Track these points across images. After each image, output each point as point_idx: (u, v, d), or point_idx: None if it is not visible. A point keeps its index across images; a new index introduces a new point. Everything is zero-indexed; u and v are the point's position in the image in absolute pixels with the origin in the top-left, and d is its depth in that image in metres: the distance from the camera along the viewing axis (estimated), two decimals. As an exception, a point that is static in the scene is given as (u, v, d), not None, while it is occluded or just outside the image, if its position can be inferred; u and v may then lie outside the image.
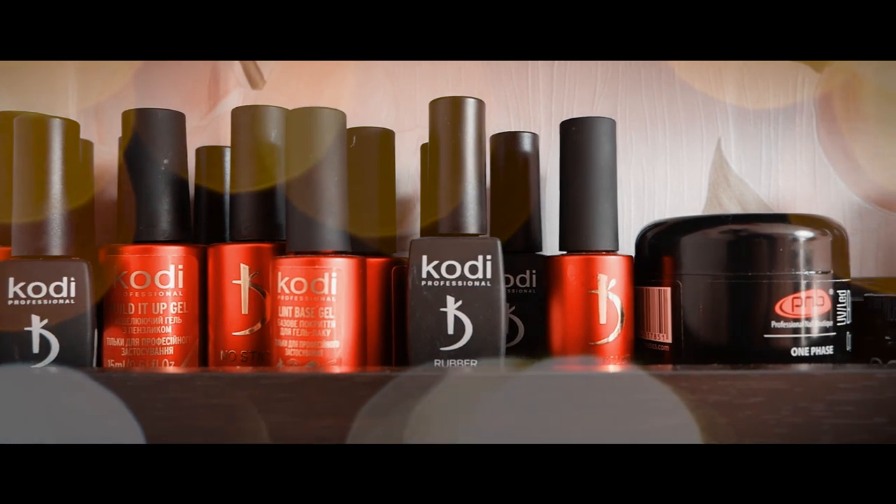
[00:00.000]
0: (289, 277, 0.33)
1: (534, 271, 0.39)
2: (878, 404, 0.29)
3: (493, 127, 0.47)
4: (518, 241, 0.40)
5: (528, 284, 0.39)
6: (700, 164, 0.49)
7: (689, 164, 0.49)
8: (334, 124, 0.34)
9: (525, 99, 0.49)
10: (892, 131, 0.49)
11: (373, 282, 0.37)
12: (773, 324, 0.34)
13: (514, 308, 0.39)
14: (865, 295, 0.38)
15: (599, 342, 0.35)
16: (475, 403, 0.29)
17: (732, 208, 0.49)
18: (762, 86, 0.49)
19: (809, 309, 0.34)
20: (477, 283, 0.33)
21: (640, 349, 0.37)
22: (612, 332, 0.36)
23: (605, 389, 0.29)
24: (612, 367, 0.33)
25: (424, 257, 0.34)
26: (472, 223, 0.35)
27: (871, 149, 0.49)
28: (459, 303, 0.33)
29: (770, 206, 0.49)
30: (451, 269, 0.34)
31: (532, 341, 0.39)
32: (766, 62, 0.48)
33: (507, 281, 0.39)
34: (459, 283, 0.33)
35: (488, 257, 0.33)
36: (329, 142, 0.34)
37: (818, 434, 0.29)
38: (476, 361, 0.33)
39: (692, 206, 0.49)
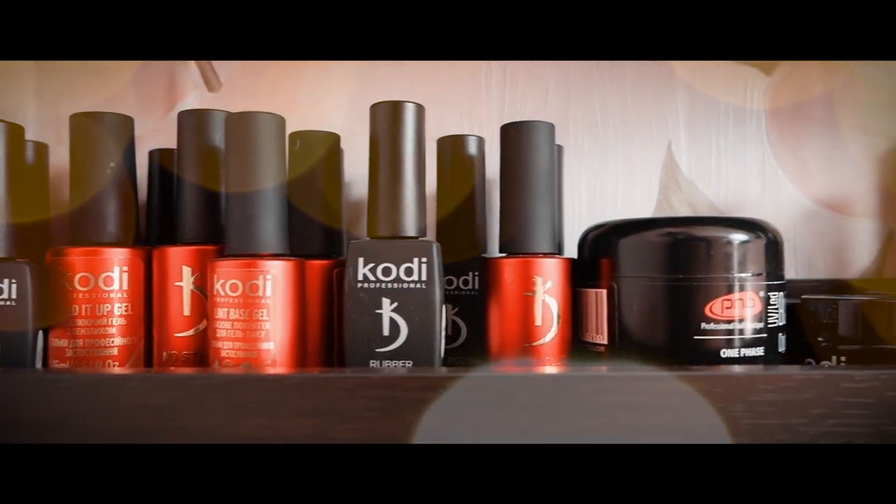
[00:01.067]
0: (224, 280, 0.33)
1: (476, 273, 0.40)
2: (797, 405, 0.29)
3: (446, 129, 0.48)
4: (462, 244, 0.41)
5: (470, 286, 0.40)
6: (651, 167, 0.49)
7: (640, 167, 0.49)
8: (272, 128, 0.35)
9: (478, 100, 0.49)
10: (840, 134, 0.49)
11: (315, 284, 0.37)
12: (703, 325, 0.34)
13: (456, 310, 0.40)
14: (803, 297, 0.39)
15: (535, 343, 0.36)
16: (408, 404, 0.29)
17: (683, 211, 0.49)
18: (712, 88, 0.49)
19: (740, 311, 0.34)
20: (412, 285, 0.34)
21: (580, 350, 0.38)
22: (548, 333, 0.36)
23: (528, 390, 0.29)
24: (538, 369, 0.34)
25: (361, 259, 0.34)
26: (409, 226, 0.35)
27: (820, 151, 0.49)
28: (395, 304, 0.34)
29: (720, 209, 0.49)
30: (386, 272, 0.34)
31: (474, 342, 0.39)
32: (716, 64, 0.49)
33: (451, 283, 0.40)
34: (395, 285, 0.34)
35: (423, 260, 0.34)
36: (267, 145, 0.34)
37: (738, 434, 0.29)
38: (411, 363, 0.34)
39: (643, 208, 0.49)
